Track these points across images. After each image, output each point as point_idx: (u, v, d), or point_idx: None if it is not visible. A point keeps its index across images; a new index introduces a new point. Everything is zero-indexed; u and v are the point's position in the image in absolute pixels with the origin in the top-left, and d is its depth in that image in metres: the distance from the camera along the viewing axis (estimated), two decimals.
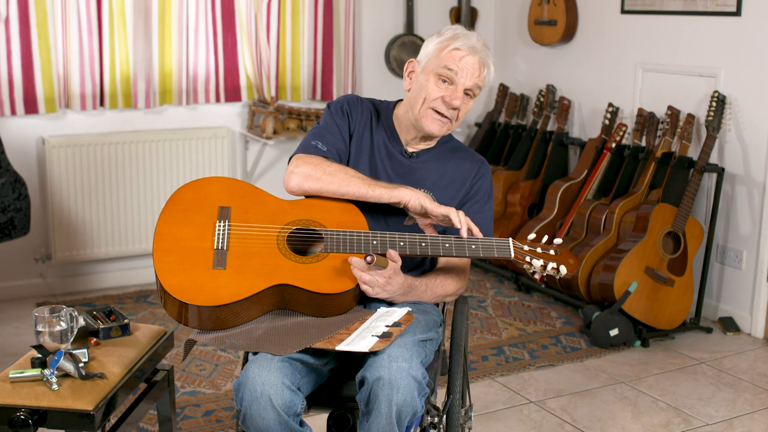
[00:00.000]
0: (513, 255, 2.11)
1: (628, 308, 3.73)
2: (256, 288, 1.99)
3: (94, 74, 4.13)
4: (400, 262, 2.06)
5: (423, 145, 2.29)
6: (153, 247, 2.07)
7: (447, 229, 2.22)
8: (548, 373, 3.49)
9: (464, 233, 2.07)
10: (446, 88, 2.17)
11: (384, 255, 2.06)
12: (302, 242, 2.13)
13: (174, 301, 1.98)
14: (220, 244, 2.06)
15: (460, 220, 2.08)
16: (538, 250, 2.15)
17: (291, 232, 2.11)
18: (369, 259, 1.98)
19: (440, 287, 2.22)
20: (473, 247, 2.10)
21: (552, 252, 2.15)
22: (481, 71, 2.18)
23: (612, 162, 4.29)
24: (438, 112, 2.18)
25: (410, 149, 2.28)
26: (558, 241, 2.17)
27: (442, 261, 2.30)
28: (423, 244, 2.09)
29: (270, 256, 2.06)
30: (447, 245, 2.09)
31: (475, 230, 2.09)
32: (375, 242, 2.08)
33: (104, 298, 4.21)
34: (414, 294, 2.15)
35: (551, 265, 2.12)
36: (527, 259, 2.12)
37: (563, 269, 2.12)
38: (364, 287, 2.04)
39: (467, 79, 2.16)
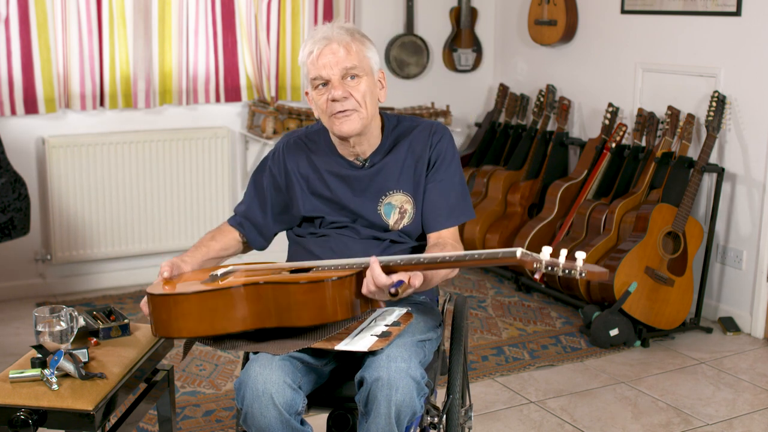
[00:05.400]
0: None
1: (628, 308, 3.73)
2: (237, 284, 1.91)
3: (94, 74, 4.13)
4: (417, 285, 1.91)
5: (369, 148, 2.19)
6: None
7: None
8: (548, 373, 3.49)
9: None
10: (326, 90, 2.11)
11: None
12: None
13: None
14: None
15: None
16: (559, 271, 1.74)
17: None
18: (393, 291, 1.84)
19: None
20: (476, 256, 1.88)
21: (577, 275, 1.73)
22: (340, 51, 2.09)
23: (612, 162, 4.28)
24: (337, 113, 2.11)
25: (362, 157, 2.20)
26: (581, 255, 1.72)
27: (432, 239, 2.19)
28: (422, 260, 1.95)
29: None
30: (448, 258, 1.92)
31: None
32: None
33: (104, 298, 4.21)
34: (423, 287, 2.02)
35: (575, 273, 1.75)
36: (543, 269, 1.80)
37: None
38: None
39: (333, 68, 2.09)
